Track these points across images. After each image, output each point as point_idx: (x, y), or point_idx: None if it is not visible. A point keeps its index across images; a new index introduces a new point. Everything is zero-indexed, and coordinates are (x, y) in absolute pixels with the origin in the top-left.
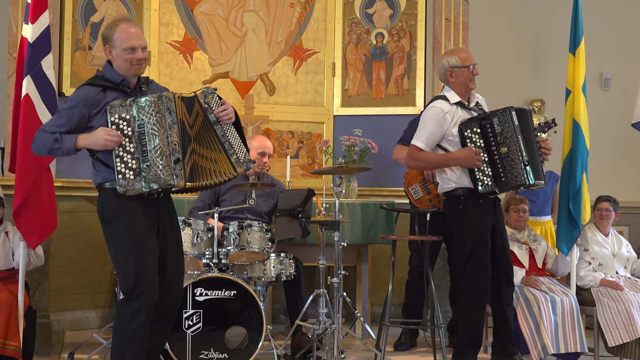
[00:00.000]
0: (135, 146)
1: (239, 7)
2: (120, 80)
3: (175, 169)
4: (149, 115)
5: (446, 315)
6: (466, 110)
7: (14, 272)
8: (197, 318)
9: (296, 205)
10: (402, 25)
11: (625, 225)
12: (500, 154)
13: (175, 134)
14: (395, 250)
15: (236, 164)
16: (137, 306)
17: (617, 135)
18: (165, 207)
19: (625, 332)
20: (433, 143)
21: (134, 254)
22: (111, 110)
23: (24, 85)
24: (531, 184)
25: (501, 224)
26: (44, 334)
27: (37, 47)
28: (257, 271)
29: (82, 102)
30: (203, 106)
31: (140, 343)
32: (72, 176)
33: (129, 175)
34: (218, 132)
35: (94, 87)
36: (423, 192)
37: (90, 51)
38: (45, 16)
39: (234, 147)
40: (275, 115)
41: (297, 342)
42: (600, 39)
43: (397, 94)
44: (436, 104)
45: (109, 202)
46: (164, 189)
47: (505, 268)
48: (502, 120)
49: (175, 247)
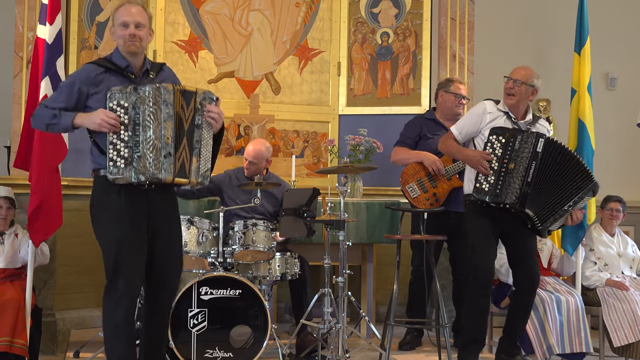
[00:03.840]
0: (129, 135)
1: (244, 7)
2: (125, 66)
3: (164, 163)
4: (145, 106)
5: (451, 314)
6: (510, 122)
7: (20, 271)
8: (202, 317)
9: (301, 205)
10: (407, 24)
11: (631, 225)
12: (507, 168)
13: (169, 127)
14: (400, 250)
15: (190, 173)
16: (115, 301)
17: (622, 134)
18: (161, 202)
19: (631, 332)
20: (467, 135)
21: (114, 249)
22: (110, 96)
23: (42, 87)
24: (522, 209)
25: (517, 232)
26: (50, 332)
27: (54, 48)
28: (262, 270)
29: (82, 80)
30: (196, 105)
31: (123, 339)
32: (77, 175)
33: (119, 163)
34: (194, 136)
35: (96, 66)
36: (420, 190)
37: (96, 50)
38: (59, 18)
39: (200, 157)
40: (280, 114)
41: (302, 341)
42: (606, 39)
43: (403, 93)
44: (485, 103)
45: (99, 190)
46: (151, 182)
47: (528, 276)
48: (525, 140)
49: (169, 244)
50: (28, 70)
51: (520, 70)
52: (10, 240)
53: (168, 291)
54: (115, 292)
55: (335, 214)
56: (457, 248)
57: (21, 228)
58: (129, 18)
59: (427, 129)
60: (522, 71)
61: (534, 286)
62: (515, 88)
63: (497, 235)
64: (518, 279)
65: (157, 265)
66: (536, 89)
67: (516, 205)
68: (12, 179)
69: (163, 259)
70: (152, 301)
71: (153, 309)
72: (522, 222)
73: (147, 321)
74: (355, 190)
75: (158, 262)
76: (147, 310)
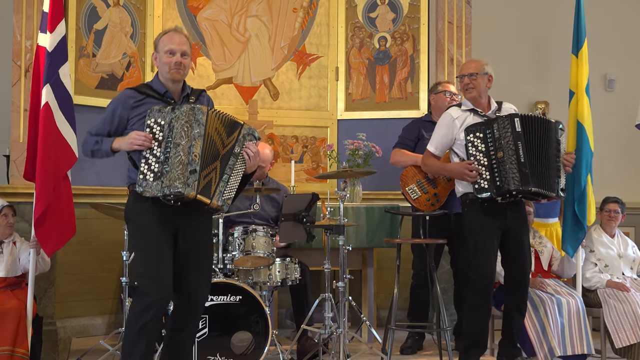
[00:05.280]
0: (162, 150)
1: (242, 13)
2: (164, 92)
3: (189, 179)
4: (179, 123)
5: (452, 318)
6: (479, 117)
7: (20, 280)
8: (203, 323)
9: (301, 210)
10: (405, 28)
11: (631, 226)
12: (497, 158)
13: (198, 145)
14: (400, 254)
15: (215, 196)
16: (144, 305)
17: (621, 136)
18: (189, 216)
19: (632, 333)
20: (444, 147)
21: (144, 255)
22: (150, 114)
23: (44, 94)
24: (528, 189)
25: (516, 228)
26: (51, 341)
27: (56, 56)
28: (263, 276)
29: (122, 105)
30: (239, 136)
31: (146, 342)
32: (78, 183)
33: (149, 176)
34: (230, 162)
35: (135, 93)
36: (420, 191)
37: (94, 58)
38: (62, 25)
39: (227, 183)
40: (279, 120)
41: (303, 346)
42: (604, 40)
43: (401, 97)
44: (449, 111)
45: (130, 202)
46: (174, 196)
47: (517, 274)
48: (502, 126)
49: (198, 256)
50: (26, 78)
51: (469, 64)
52: (9, 249)
53: (197, 303)
54: (145, 296)
55: (335, 218)
56: (458, 251)
57: (19, 236)
58: (176, 47)
59: (425, 130)
60: (471, 64)
61: (525, 285)
62: (471, 82)
63: (499, 235)
64: (510, 278)
65: (186, 277)
66: (491, 75)
67: (520, 188)
68: (11, 188)
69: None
70: (180, 311)
71: (182, 319)
72: (523, 218)
73: (170, 335)
74: (354, 194)
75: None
76: (174, 324)
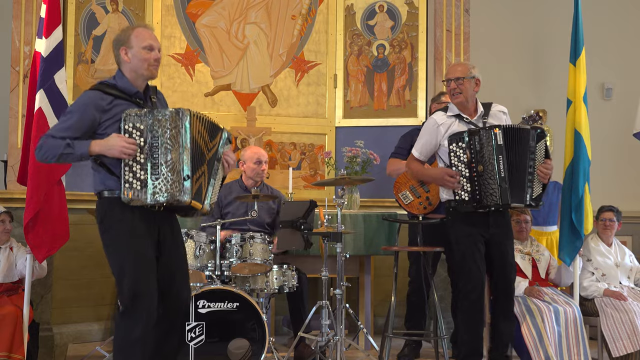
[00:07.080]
0: (145, 157)
1: (240, 20)
2: (134, 92)
3: (184, 186)
4: (164, 129)
5: (449, 326)
6: (464, 123)
7: (17, 285)
8: (199, 330)
9: (298, 217)
10: (403, 36)
11: (629, 235)
12: (478, 171)
13: (188, 151)
14: (397, 262)
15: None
16: (135, 319)
17: (619, 144)
18: (166, 220)
19: (629, 342)
20: (428, 153)
21: (131, 266)
22: (126, 118)
23: (37, 99)
24: (507, 204)
25: (499, 237)
26: (47, 347)
27: (51, 62)
28: (260, 283)
29: (93, 107)
30: (222, 141)
31: (139, 356)
32: (75, 189)
33: (135, 185)
34: (215, 167)
35: (104, 95)
36: (413, 196)
37: (93, 64)
38: (58, 31)
39: (214, 188)
40: (277, 126)
41: (300, 353)
42: (602, 49)
43: (399, 105)
44: (433, 116)
45: (109, 210)
46: (169, 204)
47: (503, 282)
48: (483, 139)
49: (180, 259)
50: (25, 84)
51: (456, 68)
52: (5, 255)
53: (184, 305)
54: (136, 310)
55: (333, 226)
56: None
57: (16, 242)
58: (155, 42)
59: None
60: (458, 68)
61: (511, 293)
62: (458, 87)
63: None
64: (496, 287)
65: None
66: (478, 79)
67: (499, 204)
68: (8, 194)
69: (178, 274)
70: (167, 316)
71: (169, 324)
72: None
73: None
74: (352, 202)
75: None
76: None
